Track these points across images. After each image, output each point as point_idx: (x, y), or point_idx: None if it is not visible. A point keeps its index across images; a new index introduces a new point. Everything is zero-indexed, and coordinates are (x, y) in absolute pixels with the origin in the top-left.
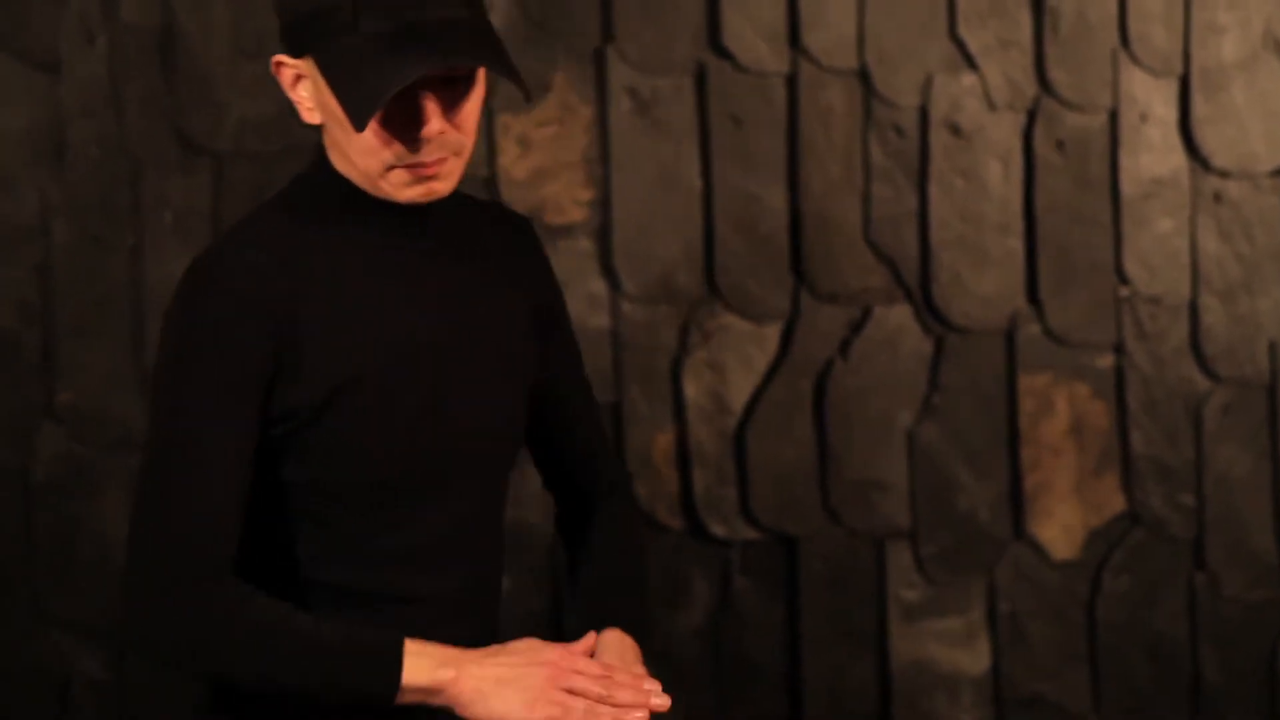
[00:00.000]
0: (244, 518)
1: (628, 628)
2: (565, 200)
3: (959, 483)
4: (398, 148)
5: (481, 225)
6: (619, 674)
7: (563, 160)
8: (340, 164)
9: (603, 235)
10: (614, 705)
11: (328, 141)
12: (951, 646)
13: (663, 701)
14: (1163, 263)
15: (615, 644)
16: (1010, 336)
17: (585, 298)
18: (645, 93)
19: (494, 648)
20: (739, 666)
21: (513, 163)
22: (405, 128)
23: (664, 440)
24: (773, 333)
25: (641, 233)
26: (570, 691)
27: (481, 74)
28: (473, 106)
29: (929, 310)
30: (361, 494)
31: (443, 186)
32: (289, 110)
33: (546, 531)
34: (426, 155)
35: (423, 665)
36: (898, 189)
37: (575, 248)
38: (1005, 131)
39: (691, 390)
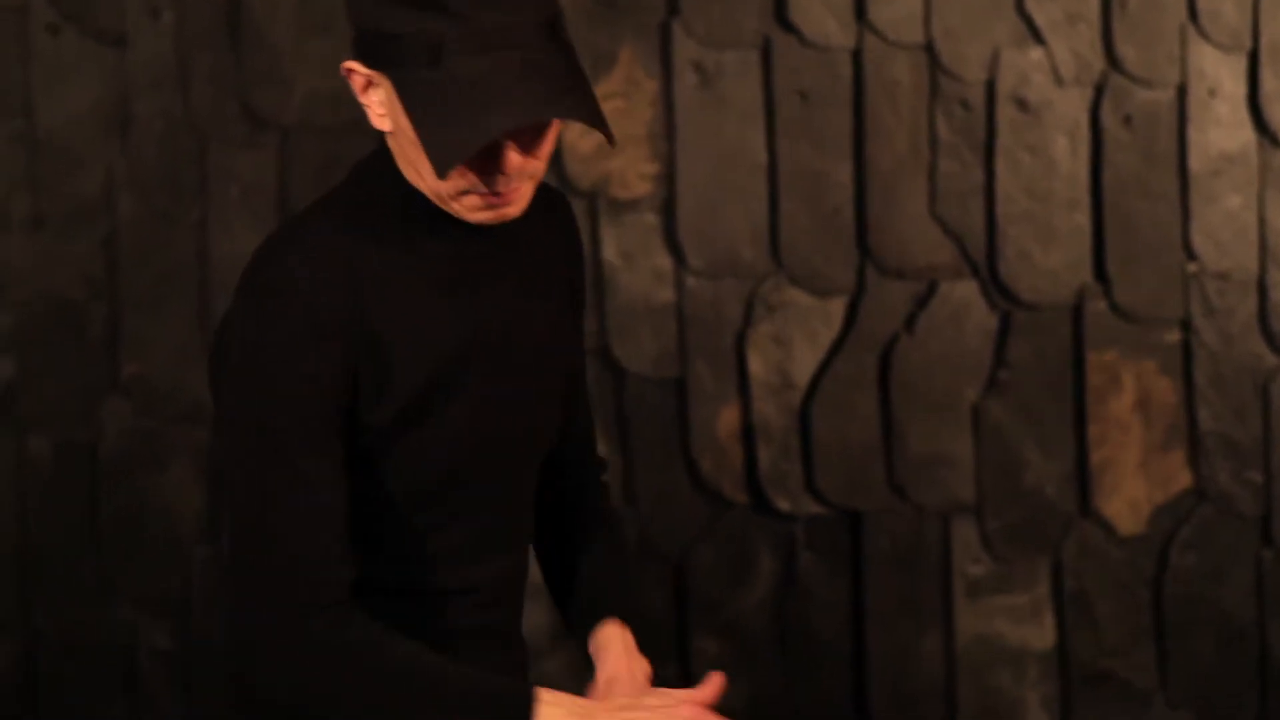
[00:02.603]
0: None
1: (624, 619)
2: (630, 175)
3: (1025, 459)
4: (474, 178)
5: (532, 214)
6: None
7: (628, 134)
8: (408, 173)
9: (668, 210)
10: None
11: (395, 149)
12: (1017, 623)
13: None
14: (1230, 238)
15: (617, 638)
16: (1077, 312)
17: (650, 272)
18: (710, 67)
19: (624, 700)
20: (804, 642)
21: (578, 137)
22: (484, 161)
23: (729, 415)
24: (838, 307)
25: (707, 207)
26: None
27: None
28: (552, 137)
29: (995, 286)
30: (413, 499)
31: (514, 211)
32: None
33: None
34: (503, 185)
35: (557, 715)
36: (964, 164)
37: (640, 222)
38: (1073, 106)
39: (756, 365)
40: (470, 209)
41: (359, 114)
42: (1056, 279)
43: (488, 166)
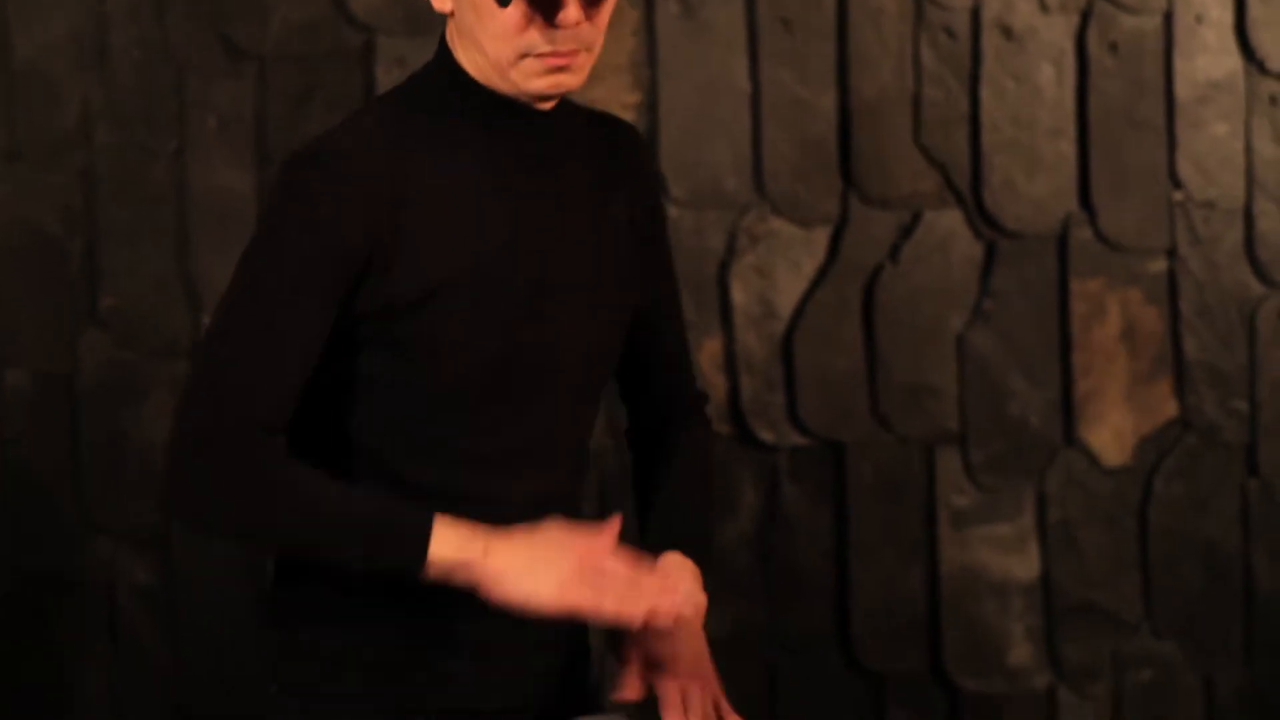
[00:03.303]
0: (299, 401)
1: (690, 552)
2: (612, 104)
3: (1010, 388)
4: (533, 35)
5: (592, 133)
6: (645, 575)
7: (609, 63)
8: (466, 55)
9: (650, 139)
10: (643, 598)
11: (454, 31)
12: (1002, 553)
13: (686, 606)
14: (1217, 167)
15: (675, 566)
16: (1062, 241)
17: None
18: None
19: (522, 530)
20: (787, 573)
21: None
22: (543, 15)
23: (711, 346)
24: (821, 237)
25: (689, 137)
26: (601, 569)
27: None
28: (609, 6)
29: (980, 215)
30: (447, 396)
31: (572, 80)
32: (333, 13)
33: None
34: (561, 45)
35: (451, 538)
36: (949, 92)
37: None
38: (1058, 34)
39: (739, 296)
40: (528, 74)
41: (337, 43)
42: (1041, 208)
43: (547, 21)
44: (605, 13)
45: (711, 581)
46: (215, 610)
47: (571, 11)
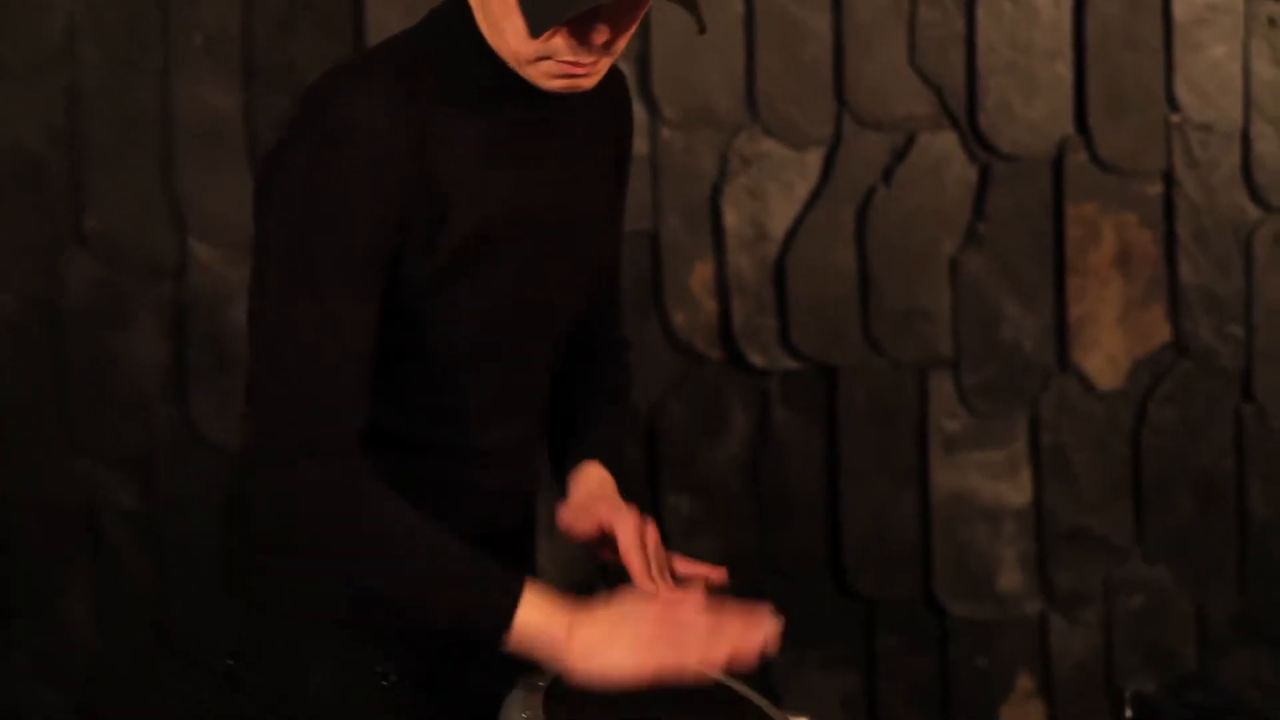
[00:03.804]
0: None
1: (609, 466)
2: None
3: (1003, 312)
4: (557, 44)
5: (593, 89)
6: (729, 620)
7: None
8: (487, 31)
9: (642, 60)
10: (727, 639)
11: (479, 4)
12: (993, 478)
13: (772, 624)
14: (1214, 89)
15: (596, 477)
16: (1058, 164)
17: None
18: None
19: (604, 601)
20: (778, 498)
21: None
22: (573, 30)
23: (703, 269)
24: (814, 159)
25: (681, 58)
26: (681, 625)
27: None
28: (639, 17)
29: (975, 137)
30: (441, 358)
31: (589, 84)
32: None
33: None
34: (584, 56)
35: (535, 617)
36: (945, 13)
37: None
38: None
39: (731, 218)
40: (545, 75)
41: None
42: (1037, 130)
43: (575, 36)
44: (633, 26)
45: (702, 505)
46: (198, 533)
47: (601, 35)
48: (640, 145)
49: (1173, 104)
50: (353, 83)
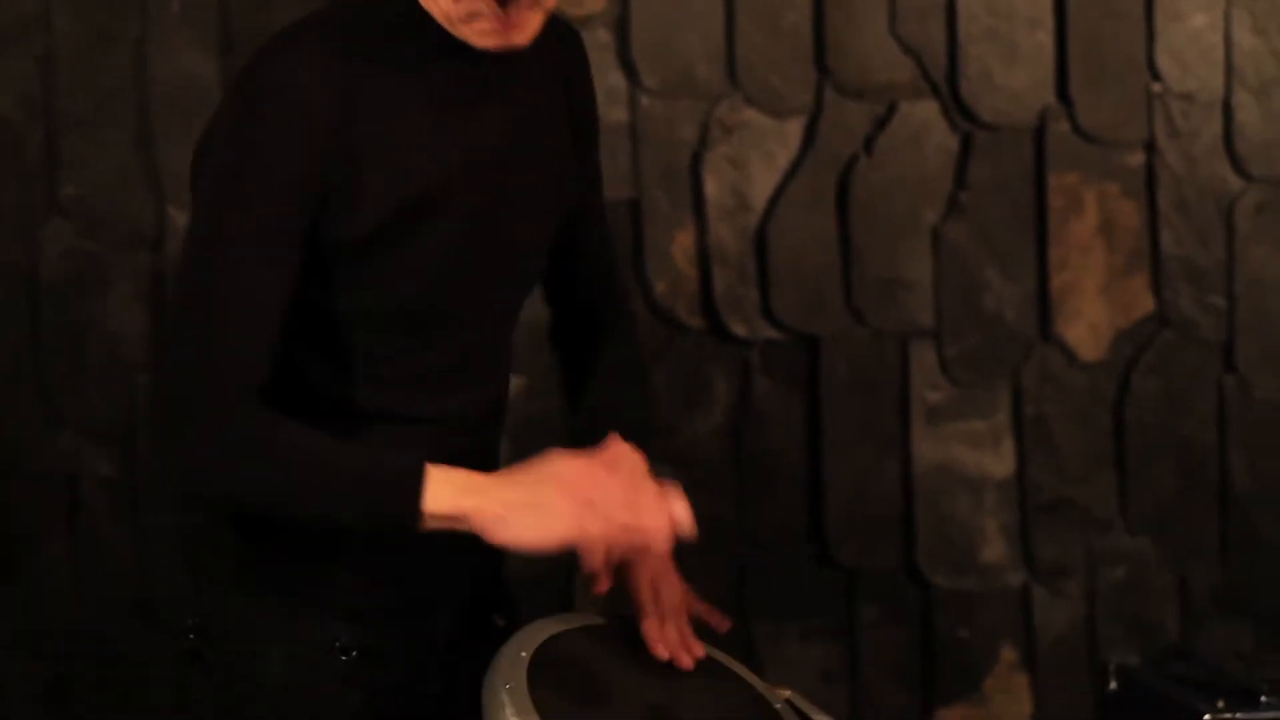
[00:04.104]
0: (279, 349)
1: (634, 440)
2: None
3: (985, 282)
4: (482, 2)
5: (539, 46)
6: (645, 492)
7: None
8: None
9: (621, 27)
10: (638, 519)
11: None
12: (976, 449)
13: (688, 526)
14: (1196, 58)
15: (625, 454)
16: (1039, 133)
17: (603, 91)
18: None
19: (516, 469)
20: (759, 468)
21: None
22: None
23: (684, 238)
24: (795, 128)
25: (661, 24)
26: (593, 505)
27: None
28: None
29: (956, 106)
30: (387, 322)
31: (522, 39)
32: None
33: None
34: (515, 11)
35: (445, 492)
36: None
37: (593, 40)
38: None
39: (712, 187)
40: (479, 34)
41: None
42: (1018, 99)
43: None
44: None
45: (682, 476)
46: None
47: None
48: (620, 113)
49: (1154, 73)
50: (283, 45)
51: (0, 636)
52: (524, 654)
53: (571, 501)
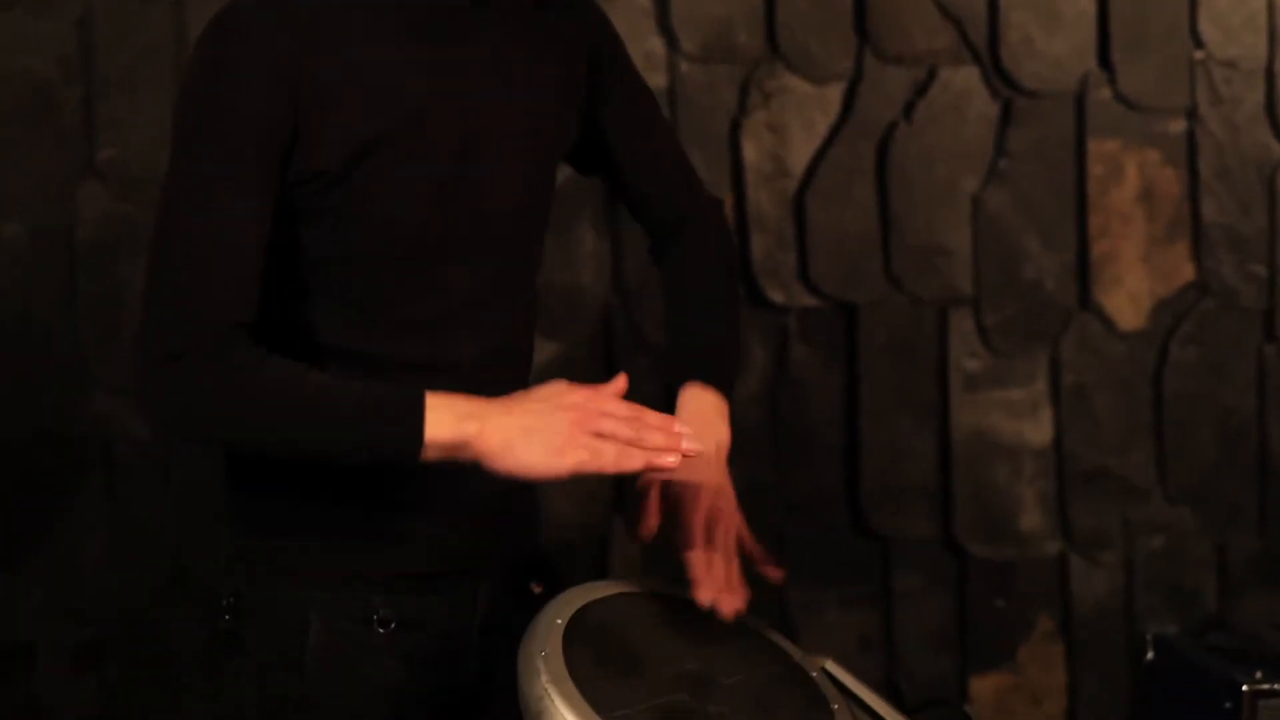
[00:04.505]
0: (261, 285)
1: (710, 379)
2: None
3: (1024, 250)
4: None
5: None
6: (649, 415)
7: None
8: None
9: None
10: (644, 448)
11: None
12: (1014, 418)
13: (694, 446)
14: (1239, 24)
15: (693, 401)
16: (1080, 100)
17: (641, 56)
18: None
19: (519, 395)
20: (797, 436)
21: None
22: None
23: None
24: (835, 94)
25: None
26: (599, 434)
27: None
28: None
29: (997, 72)
30: (381, 262)
31: None
32: None
33: (599, 294)
34: None
35: (445, 419)
36: None
37: (631, 4)
38: None
39: (751, 153)
40: None
41: None
42: (1060, 65)
43: None
44: None
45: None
46: (213, 465)
47: None
48: (659, 79)
49: (1197, 40)
50: None
51: (33, 601)
52: (559, 621)
53: (575, 425)
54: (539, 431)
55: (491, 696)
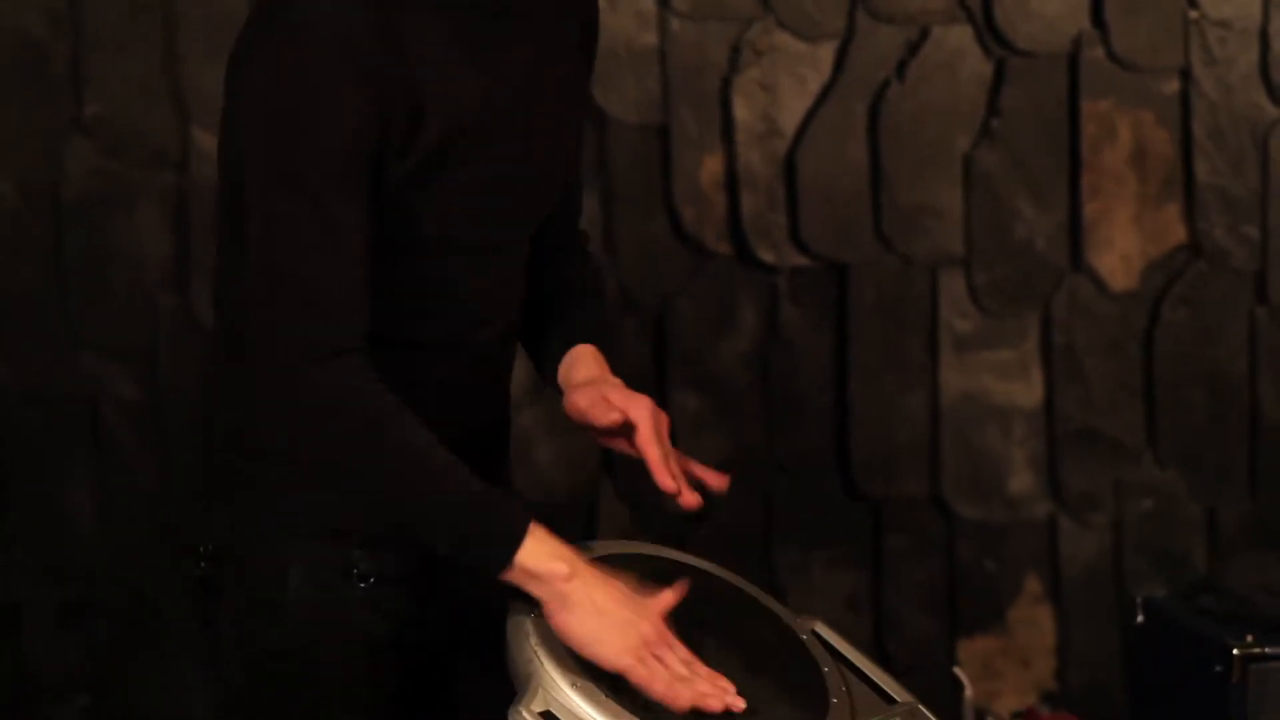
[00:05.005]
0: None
1: (598, 344)
2: None
3: (1016, 210)
4: None
5: None
6: (701, 666)
7: None
8: None
9: None
10: (692, 691)
11: None
12: (1004, 378)
13: (737, 704)
14: None
15: (592, 356)
16: (1073, 60)
17: (633, 15)
18: None
19: (608, 572)
20: (786, 396)
21: None
22: None
23: (712, 163)
24: (827, 53)
25: None
26: (647, 658)
27: None
28: None
29: (990, 31)
30: (429, 255)
31: None
32: None
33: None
34: None
35: (540, 551)
36: None
37: None
38: None
39: (742, 111)
40: None
41: None
42: (1053, 25)
43: None
44: None
45: (710, 403)
46: (198, 421)
47: None
48: (650, 37)
49: (1190, 0)
50: None
51: (22, 560)
52: None
53: (644, 639)
54: (613, 622)
55: (472, 656)
